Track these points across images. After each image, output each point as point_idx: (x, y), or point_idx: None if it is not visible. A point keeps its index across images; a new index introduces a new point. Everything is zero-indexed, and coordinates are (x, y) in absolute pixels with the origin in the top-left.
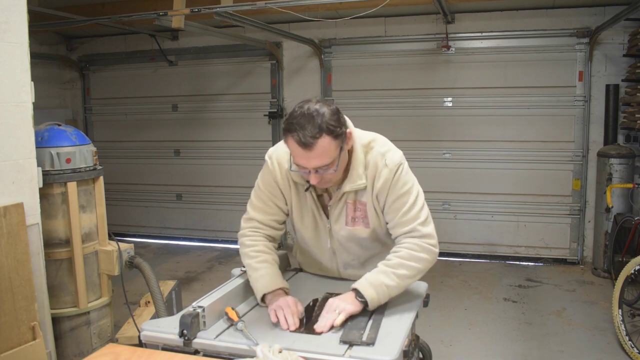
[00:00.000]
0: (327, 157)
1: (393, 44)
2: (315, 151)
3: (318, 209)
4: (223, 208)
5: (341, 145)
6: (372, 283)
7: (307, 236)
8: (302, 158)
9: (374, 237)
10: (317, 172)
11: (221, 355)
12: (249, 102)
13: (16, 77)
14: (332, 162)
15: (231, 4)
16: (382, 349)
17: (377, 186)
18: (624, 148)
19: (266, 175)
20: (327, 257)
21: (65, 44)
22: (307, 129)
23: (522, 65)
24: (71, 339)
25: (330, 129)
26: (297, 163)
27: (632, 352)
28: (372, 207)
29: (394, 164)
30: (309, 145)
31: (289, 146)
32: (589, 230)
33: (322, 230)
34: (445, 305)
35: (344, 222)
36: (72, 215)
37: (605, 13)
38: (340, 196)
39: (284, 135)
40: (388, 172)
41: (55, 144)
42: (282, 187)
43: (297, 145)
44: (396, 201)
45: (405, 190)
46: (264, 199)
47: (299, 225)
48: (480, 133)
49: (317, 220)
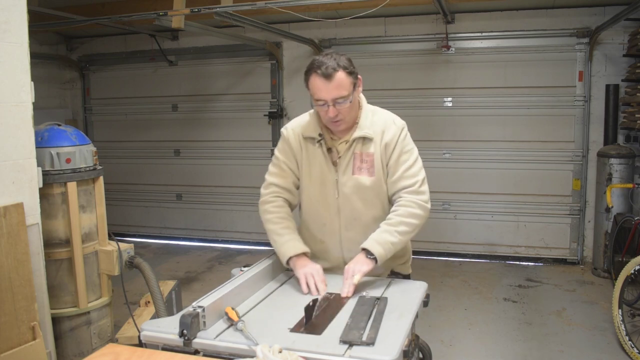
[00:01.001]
0: (344, 89)
1: (393, 44)
2: (333, 82)
3: (327, 162)
4: (223, 208)
5: (354, 82)
6: (379, 241)
7: (314, 193)
8: (322, 90)
9: (376, 190)
10: (335, 105)
11: (221, 355)
12: (249, 102)
13: (16, 77)
14: (348, 95)
15: (231, 4)
16: (382, 349)
17: (386, 138)
18: (624, 148)
19: (281, 144)
20: (331, 215)
21: (65, 44)
22: (327, 64)
23: (522, 65)
24: (71, 339)
25: (345, 66)
26: (318, 98)
27: (632, 352)
28: (379, 157)
29: (400, 123)
30: (329, 75)
31: (311, 84)
32: (589, 230)
33: (329, 184)
34: (445, 305)
35: (351, 172)
36: (72, 215)
37: (605, 13)
38: (350, 144)
39: (306, 76)
40: (396, 128)
41: (55, 144)
42: (294, 148)
43: (319, 77)
44: (402, 156)
45: (409, 149)
46: (280, 165)
47: (307, 182)
48: (480, 133)
49: (326, 173)
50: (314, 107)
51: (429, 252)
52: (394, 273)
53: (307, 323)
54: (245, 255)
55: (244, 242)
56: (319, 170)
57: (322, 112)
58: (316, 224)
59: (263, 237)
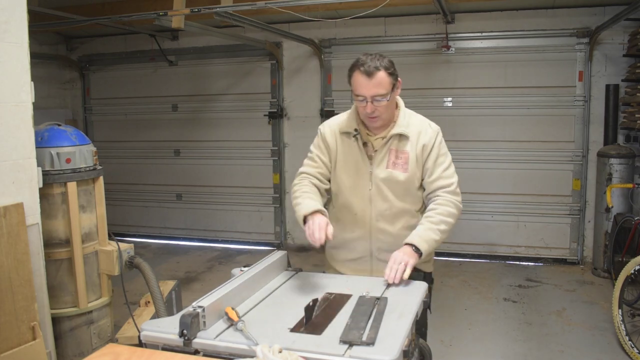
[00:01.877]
0: (383, 88)
1: (393, 44)
2: (374, 80)
3: (362, 155)
4: (223, 208)
5: (394, 83)
6: (424, 238)
7: (348, 184)
8: (363, 87)
9: (407, 186)
10: (373, 102)
11: (221, 355)
12: (249, 102)
13: (16, 77)
14: (386, 93)
15: (231, 4)
16: (382, 349)
17: (423, 139)
18: (624, 148)
19: (316, 140)
20: (364, 205)
21: (65, 44)
22: (370, 63)
23: (522, 65)
24: (71, 339)
25: (387, 67)
26: (358, 94)
27: (632, 352)
28: (414, 156)
29: (436, 127)
30: (371, 73)
31: (353, 80)
32: (589, 230)
33: (363, 175)
34: (445, 305)
35: (385, 165)
36: (72, 215)
37: (605, 13)
38: (387, 141)
39: (349, 73)
40: (432, 132)
41: (55, 144)
42: (329, 142)
43: (361, 74)
44: (439, 158)
45: (445, 152)
46: (312, 157)
47: (341, 173)
48: (480, 133)
49: (360, 165)
50: (354, 103)
51: None
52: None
53: (307, 323)
54: (245, 255)
55: (244, 242)
56: (354, 162)
57: (361, 107)
58: (348, 214)
59: (263, 237)
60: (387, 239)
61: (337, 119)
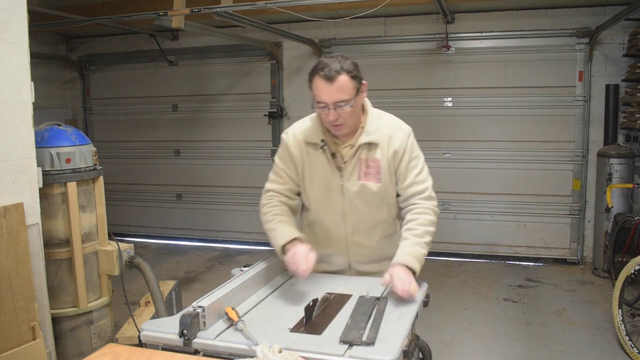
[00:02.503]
0: (345, 93)
1: (393, 44)
2: (335, 85)
3: (332, 167)
4: (223, 208)
5: (358, 87)
6: (415, 256)
7: (318, 199)
8: (324, 93)
9: (382, 196)
10: (336, 109)
11: (221, 355)
12: (249, 102)
13: (16, 77)
14: (350, 99)
15: (231, 4)
16: (382, 349)
17: (394, 145)
18: (624, 148)
19: (280, 150)
20: (337, 220)
21: (65, 44)
22: (331, 66)
23: (522, 65)
24: (71, 339)
25: (349, 70)
26: (319, 100)
27: (632, 352)
28: (386, 163)
29: (407, 129)
30: (332, 78)
31: (314, 86)
32: (589, 230)
33: (334, 189)
34: (445, 305)
35: (357, 177)
36: (72, 215)
37: (605, 13)
38: (355, 150)
39: (310, 77)
40: (403, 134)
41: (55, 144)
42: (294, 154)
43: (322, 79)
44: (411, 162)
45: (417, 154)
46: (278, 172)
47: (310, 188)
48: (480, 133)
49: (330, 178)
50: (316, 109)
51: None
52: None
53: (307, 323)
54: (245, 255)
55: (244, 242)
56: (323, 176)
57: (323, 114)
58: (321, 230)
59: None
60: (365, 251)
61: (301, 126)
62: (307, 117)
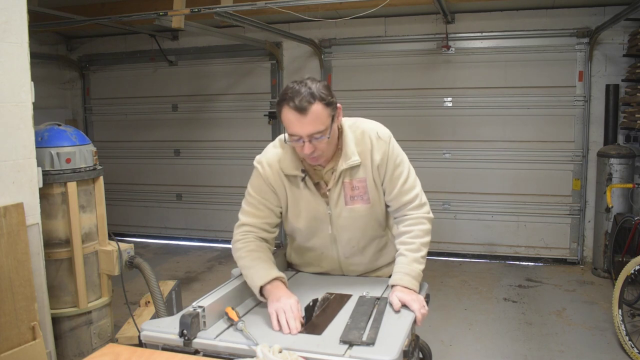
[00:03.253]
0: (320, 123)
1: (393, 44)
2: (309, 116)
3: (316, 198)
4: (223, 208)
5: (332, 114)
6: (413, 276)
7: (305, 230)
8: (296, 125)
9: (373, 215)
10: (311, 142)
11: (221, 355)
12: (249, 102)
13: (16, 77)
14: (325, 129)
15: (231, 4)
16: (382, 349)
17: (376, 159)
18: (624, 148)
19: (256, 180)
20: (327, 246)
21: (65, 44)
22: (301, 95)
23: (522, 65)
24: (71, 339)
25: (322, 96)
26: (291, 133)
27: (632, 352)
28: (372, 181)
29: (386, 136)
30: (304, 109)
31: (283, 117)
32: (589, 230)
33: (321, 218)
34: (445, 305)
35: (344, 203)
36: (72, 215)
37: (605, 13)
38: (338, 176)
39: (278, 107)
40: (384, 144)
41: (55, 144)
42: (275, 187)
43: (293, 111)
44: (395, 171)
45: (400, 160)
46: (255, 204)
47: (294, 220)
48: (480, 133)
49: (316, 209)
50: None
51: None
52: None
53: (307, 323)
54: None
55: None
56: (308, 207)
57: (298, 148)
58: (312, 252)
59: None
60: (360, 267)
61: (275, 154)
62: (276, 141)
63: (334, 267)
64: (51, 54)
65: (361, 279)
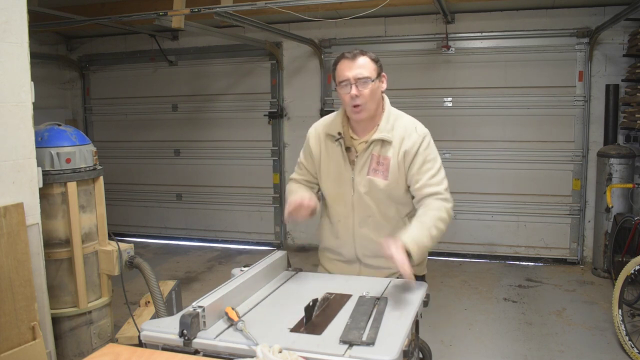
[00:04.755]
0: (367, 70)
1: (393, 44)
2: (357, 62)
3: (345, 160)
4: (223, 208)
5: (379, 72)
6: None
7: (331, 189)
8: (346, 70)
9: (389, 193)
10: (357, 85)
11: (221, 355)
12: (249, 102)
13: (16, 77)
14: (370, 76)
15: (231, 4)
16: (382, 349)
17: (405, 145)
18: (624, 148)
19: (305, 142)
20: (347, 212)
21: (65, 44)
22: (354, 51)
23: (522, 65)
24: (71, 339)
25: (370, 55)
26: (341, 80)
27: (632, 352)
28: (395, 163)
29: (422, 131)
30: (355, 56)
31: (337, 70)
32: (589, 230)
33: (345, 181)
34: (445, 305)
35: (366, 172)
36: (72, 215)
37: (605, 13)
38: (368, 145)
39: (334, 67)
40: (417, 136)
41: (55, 144)
42: (313, 148)
43: (344, 59)
44: (424, 164)
45: (432, 157)
46: (299, 163)
47: (325, 178)
48: (480, 133)
49: (342, 171)
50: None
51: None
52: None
53: (307, 323)
54: (245, 255)
55: (244, 242)
56: (336, 167)
57: (346, 95)
58: (333, 219)
59: (263, 237)
60: (371, 245)
61: (325, 120)
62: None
63: (349, 238)
64: (51, 54)
65: (361, 278)
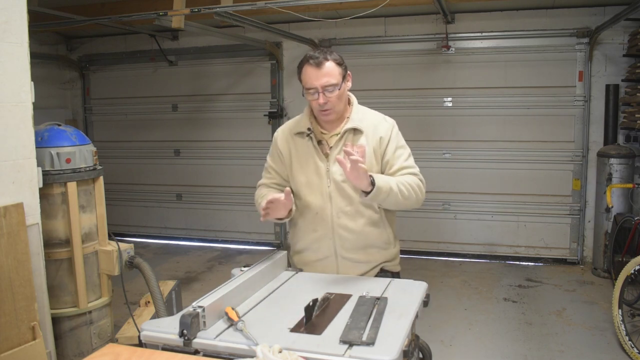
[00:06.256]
0: (333, 77)
1: (393, 44)
2: (323, 70)
3: (318, 153)
4: (223, 208)
5: (344, 74)
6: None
7: (305, 182)
8: (312, 78)
9: None
10: (324, 93)
11: (221, 355)
12: (249, 102)
13: (16, 77)
14: (337, 83)
15: (231, 4)
16: (382, 348)
17: (380, 131)
18: (624, 148)
19: (271, 147)
20: (324, 203)
21: (65, 44)
22: (318, 55)
23: (522, 65)
24: (71, 339)
25: (335, 58)
26: (309, 87)
27: (632, 352)
28: (371, 150)
29: (391, 120)
30: (320, 63)
31: (303, 74)
32: (589, 230)
33: (321, 173)
34: (445, 305)
35: None
36: (72, 215)
37: (605, 13)
38: (341, 136)
39: (299, 69)
40: (388, 125)
41: (55, 144)
42: (281, 148)
43: (310, 66)
44: (397, 150)
45: (403, 144)
46: (267, 168)
47: (299, 174)
48: (480, 133)
49: (317, 164)
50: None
51: (429, 252)
52: (383, 271)
53: (307, 323)
54: (245, 255)
55: (244, 242)
56: (310, 161)
57: (313, 101)
58: (309, 213)
59: (263, 237)
60: (350, 236)
61: (289, 122)
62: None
63: (327, 230)
64: (51, 54)
65: (361, 278)
